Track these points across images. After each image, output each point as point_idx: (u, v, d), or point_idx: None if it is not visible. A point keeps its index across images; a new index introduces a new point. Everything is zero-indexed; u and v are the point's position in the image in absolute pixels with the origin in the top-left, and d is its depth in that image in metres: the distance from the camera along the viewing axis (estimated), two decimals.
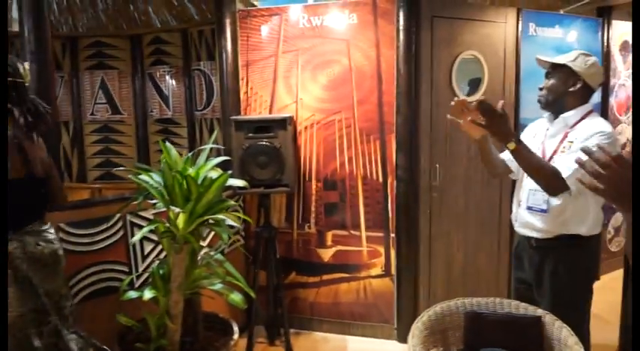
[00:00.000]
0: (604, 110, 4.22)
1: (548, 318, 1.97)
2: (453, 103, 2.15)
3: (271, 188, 3.18)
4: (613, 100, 4.35)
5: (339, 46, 3.36)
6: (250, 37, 3.46)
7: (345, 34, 3.34)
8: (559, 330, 1.91)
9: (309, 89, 3.41)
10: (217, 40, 3.47)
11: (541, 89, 2.27)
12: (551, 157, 2.20)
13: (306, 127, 3.43)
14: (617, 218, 4.47)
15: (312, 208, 3.45)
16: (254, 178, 3.12)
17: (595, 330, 2.28)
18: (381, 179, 3.32)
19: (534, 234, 2.25)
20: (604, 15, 4.23)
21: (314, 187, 3.45)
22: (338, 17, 3.35)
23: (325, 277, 3.47)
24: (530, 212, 2.26)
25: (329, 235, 3.44)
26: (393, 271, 3.32)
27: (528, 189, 2.28)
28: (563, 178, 2.05)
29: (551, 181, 2.07)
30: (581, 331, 2.17)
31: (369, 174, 3.34)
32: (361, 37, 3.31)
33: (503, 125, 2.01)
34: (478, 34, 3.42)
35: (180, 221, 2.23)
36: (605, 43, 4.19)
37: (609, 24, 4.19)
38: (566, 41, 3.88)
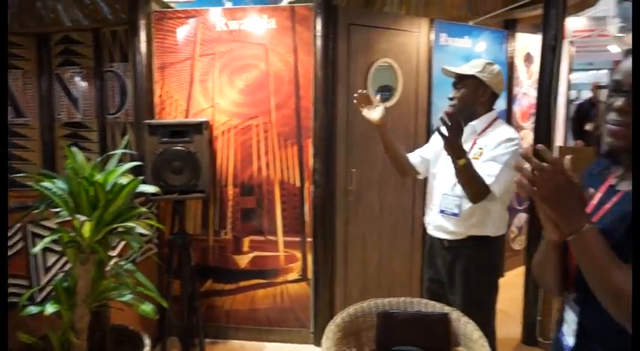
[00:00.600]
0: (508, 117, 4.47)
1: (455, 314, 2.05)
2: (356, 95, 2.28)
3: (186, 194, 3.10)
4: (516, 108, 4.61)
5: (257, 50, 3.34)
6: (166, 39, 3.37)
7: (264, 38, 3.33)
8: (465, 325, 2.00)
9: (227, 93, 3.37)
10: (131, 41, 3.36)
11: (451, 99, 2.35)
12: None
13: (222, 132, 3.39)
14: (520, 218, 4.74)
15: (229, 214, 3.41)
16: (168, 184, 3.04)
17: (499, 324, 2.42)
18: (298, 184, 3.33)
19: (447, 236, 2.35)
20: (509, 27, 4.49)
21: (230, 192, 3.40)
22: (256, 22, 3.33)
23: (242, 283, 3.43)
24: (442, 215, 2.35)
25: (246, 241, 3.41)
26: (310, 275, 3.34)
27: (441, 193, 2.37)
28: (487, 186, 2.16)
29: (480, 191, 2.17)
30: (490, 325, 2.30)
31: (286, 179, 3.35)
32: (279, 43, 3.31)
33: (457, 143, 2.06)
34: (393, 43, 3.51)
35: (87, 230, 2.13)
36: (510, 54, 4.43)
37: (514, 36, 4.44)
38: (474, 51, 4.08)
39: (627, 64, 1.11)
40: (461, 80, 2.33)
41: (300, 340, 3.38)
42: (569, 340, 1.22)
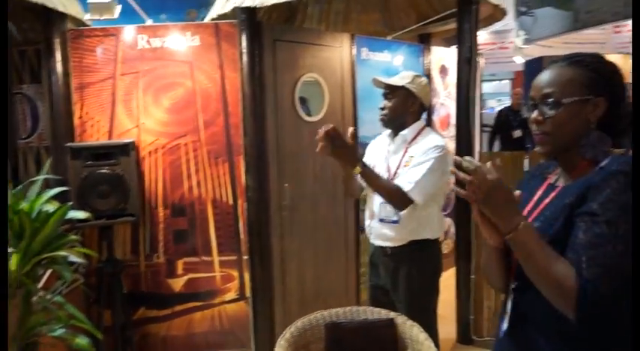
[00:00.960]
0: (428, 126, 4.65)
1: (400, 319, 2.10)
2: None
3: (115, 219, 2.98)
4: (435, 118, 4.81)
5: (182, 68, 3.28)
6: (84, 59, 3.23)
7: (188, 56, 3.28)
8: (410, 329, 2.05)
9: (152, 113, 3.28)
10: (45, 61, 3.18)
11: (382, 109, 2.42)
12: (395, 172, 2.38)
13: (150, 153, 3.28)
14: (446, 223, 4.93)
15: (160, 237, 3.30)
16: (95, 208, 2.90)
17: None
18: (231, 202, 3.29)
19: (388, 243, 2.40)
20: (424, 41, 4.70)
21: (161, 214, 3.30)
22: (179, 39, 3.28)
23: (177, 308, 3.32)
24: (382, 224, 2.41)
25: (179, 264, 3.31)
26: (248, 293, 3.29)
27: (379, 202, 2.42)
28: (405, 193, 2.22)
29: (395, 197, 2.25)
30: (434, 326, 2.38)
31: (218, 197, 3.29)
32: (205, 60, 3.28)
33: (348, 153, 2.14)
34: (318, 58, 3.57)
35: (13, 262, 1.98)
36: (427, 67, 4.64)
37: (429, 49, 4.65)
38: (393, 65, 4.23)
39: (537, 80, 1.25)
40: (392, 91, 2.41)
41: None
42: (504, 323, 1.30)
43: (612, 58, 1.33)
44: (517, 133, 6.87)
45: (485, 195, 1.11)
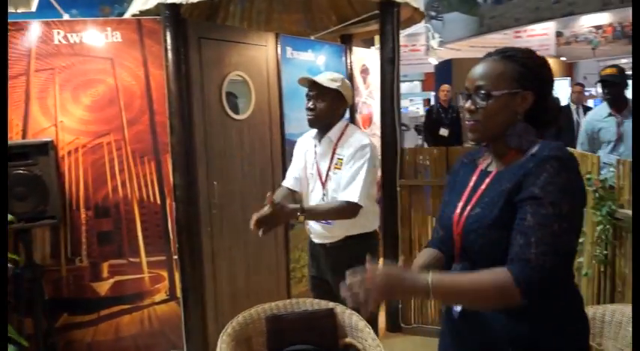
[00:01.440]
0: (351, 123, 4.78)
1: (340, 308, 2.17)
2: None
3: (34, 221, 2.83)
4: (358, 116, 4.95)
5: (103, 64, 3.17)
6: None
7: (109, 52, 3.17)
8: (350, 317, 2.13)
9: (71, 111, 3.14)
10: None
11: (312, 109, 2.45)
12: (327, 175, 2.45)
13: (69, 152, 3.15)
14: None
15: (83, 239, 3.17)
16: (11, 211, 2.74)
17: None
18: (159, 201, 3.22)
19: (327, 240, 2.47)
20: (346, 42, 4.82)
21: (83, 216, 3.17)
22: (99, 35, 3.17)
23: (103, 312, 3.20)
24: (319, 224, 2.47)
25: (105, 267, 3.20)
26: (179, 294, 3.23)
27: (315, 204, 2.48)
28: (354, 204, 2.32)
29: (345, 214, 2.35)
30: (372, 314, 2.46)
31: (145, 197, 3.21)
32: (127, 56, 3.18)
33: (283, 216, 2.22)
34: (244, 56, 3.58)
35: None
36: (349, 67, 4.76)
37: (351, 50, 4.77)
38: (317, 64, 4.31)
39: (472, 72, 1.36)
40: (322, 92, 2.43)
41: None
42: (457, 307, 1.38)
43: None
44: (444, 131, 7.14)
45: (382, 293, 1.20)
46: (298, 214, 2.25)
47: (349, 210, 2.33)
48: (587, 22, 11.24)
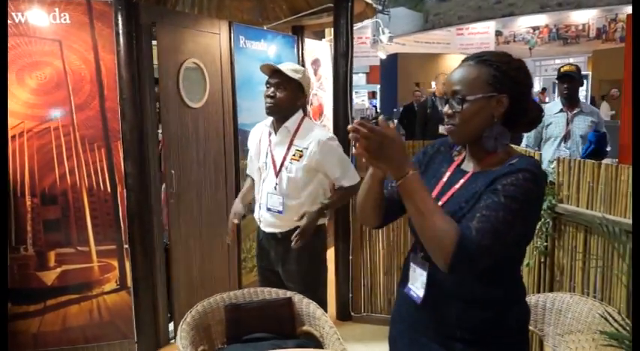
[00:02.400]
0: (306, 117, 4.82)
1: (297, 297, 2.22)
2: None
3: None
4: (309, 108, 4.99)
5: (50, 46, 3.06)
6: None
7: (57, 34, 3.06)
8: (307, 306, 2.18)
9: (15, 94, 3.01)
10: None
11: (272, 97, 2.46)
12: (282, 164, 2.47)
13: (14, 137, 3.03)
14: None
15: (28, 227, 3.06)
16: None
17: None
18: (109, 189, 3.15)
19: (277, 229, 2.49)
20: (297, 33, 4.84)
21: (28, 203, 3.06)
22: (46, 16, 3.05)
23: (50, 302, 3.11)
24: (269, 212, 2.50)
25: (51, 255, 3.11)
26: (130, 283, 3.19)
27: (267, 192, 2.51)
28: (356, 184, 2.50)
29: (352, 195, 2.50)
30: (325, 302, 2.53)
31: (95, 184, 3.14)
32: (76, 39, 3.08)
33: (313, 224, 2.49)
34: (198, 44, 3.54)
35: None
36: (301, 58, 4.79)
37: (302, 41, 4.80)
38: (269, 54, 4.30)
39: (449, 77, 1.39)
40: (284, 82, 2.45)
41: None
42: (419, 292, 1.44)
43: (456, 57, 1.52)
44: (443, 129, 6.55)
45: (379, 145, 1.21)
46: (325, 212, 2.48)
47: (354, 190, 2.48)
48: (525, 22, 11.73)
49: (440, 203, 1.37)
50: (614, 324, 1.77)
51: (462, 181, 1.39)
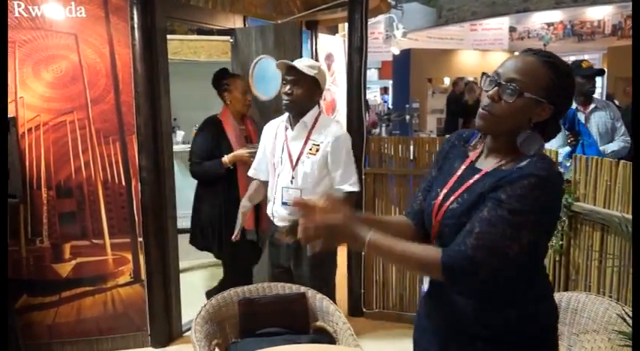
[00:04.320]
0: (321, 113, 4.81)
1: (310, 293, 2.23)
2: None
3: None
4: (322, 103, 4.98)
5: (67, 40, 3.08)
6: None
7: (73, 28, 3.08)
8: (320, 301, 2.19)
9: (32, 87, 3.04)
10: None
11: (289, 94, 2.48)
12: (298, 158, 2.48)
13: (30, 130, 3.05)
14: None
15: (44, 220, 3.09)
16: None
17: None
18: (124, 182, 3.17)
19: (289, 223, 2.49)
20: (311, 28, 4.82)
21: (44, 195, 3.09)
22: (62, 9, 3.06)
23: (65, 294, 3.14)
24: (285, 207, 2.50)
25: (67, 248, 3.13)
26: (144, 276, 3.21)
27: (281, 187, 2.52)
28: (353, 192, 2.51)
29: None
30: (334, 298, 2.54)
31: (110, 178, 3.16)
32: (92, 33, 3.10)
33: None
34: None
35: None
36: (314, 53, 4.78)
37: (317, 36, 4.79)
38: None
39: (510, 61, 1.32)
40: (300, 78, 2.46)
41: (136, 344, 3.23)
42: (425, 286, 1.46)
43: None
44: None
45: (330, 234, 1.26)
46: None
47: (354, 197, 2.53)
48: (540, 18, 11.60)
49: (450, 198, 1.35)
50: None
51: (475, 177, 1.35)
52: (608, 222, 2.26)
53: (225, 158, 3.23)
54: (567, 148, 3.48)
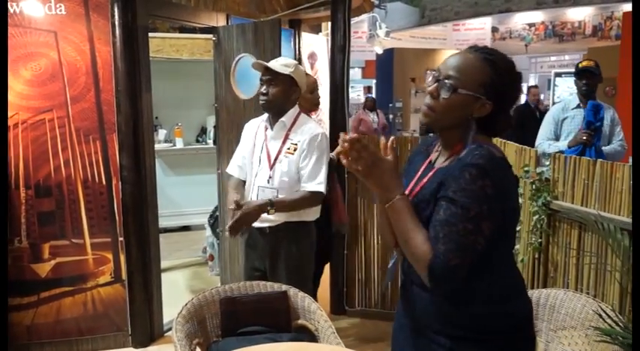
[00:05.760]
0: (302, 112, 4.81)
1: (292, 291, 2.22)
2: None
3: None
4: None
5: (46, 38, 3.04)
6: None
7: (53, 25, 3.04)
8: (302, 300, 2.19)
9: (10, 85, 2.99)
10: None
11: (265, 94, 2.45)
12: (276, 158, 2.48)
13: (8, 128, 3.01)
14: None
15: (22, 219, 3.05)
16: None
17: None
18: (104, 181, 3.14)
19: (267, 224, 2.48)
20: (294, 27, 4.82)
21: (23, 195, 3.05)
22: (42, 6, 3.02)
23: (44, 294, 3.10)
24: None
25: (46, 248, 3.10)
26: (124, 276, 3.18)
27: (258, 186, 2.50)
28: (318, 192, 2.45)
29: (311, 203, 2.49)
30: (314, 297, 2.53)
31: (90, 176, 3.12)
32: (72, 30, 3.06)
33: (254, 213, 2.35)
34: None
35: None
36: (297, 52, 4.77)
37: (300, 35, 4.79)
38: None
39: (450, 59, 1.35)
40: (275, 77, 2.44)
41: (117, 344, 3.20)
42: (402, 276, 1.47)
43: (452, 53, 1.48)
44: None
45: (364, 168, 1.23)
46: (269, 208, 2.31)
47: (314, 199, 2.46)
48: (522, 19, 11.73)
49: (410, 198, 1.36)
50: (608, 320, 1.78)
51: (429, 174, 1.38)
52: (585, 220, 2.29)
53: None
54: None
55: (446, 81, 1.30)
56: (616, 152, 3.47)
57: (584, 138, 3.25)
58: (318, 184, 2.44)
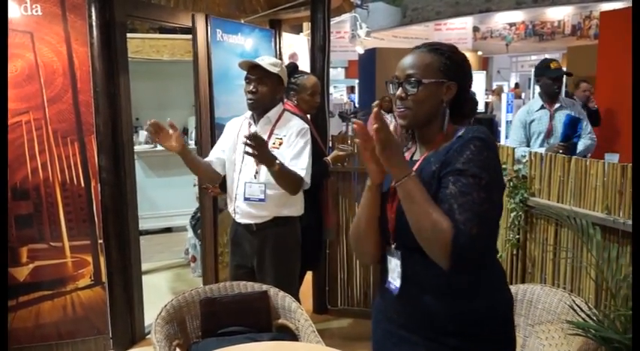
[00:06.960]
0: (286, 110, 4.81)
1: (272, 291, 2.23)
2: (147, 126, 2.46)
3: None
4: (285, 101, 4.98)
5: (22, 39, 3.01)
6: None
7: (28, 26, 3.01)
8: (283, 299, 2.19)
9: None
10: None
11: (253, 93, 2.46)
12: None
13: None
14: None
15: None
16: None
17: None
18: (83, 183, 3.11)
19: (254, 220, 2.49)
20: (275, 27, 4.82)
21: None
22: (17, 7, 2.99)
23: (22, 298, 3.06)
24: (248, 203, 2.49)
25: (23, 251, 3.06)
26: (104, 278, 3.15)
27: (244, 182, 2.50)
28: (301, 178, 2.43)
29: (296, 184, 2.44)
30: (297, 295, 2.54)
31: (68, 179, 3.10)
32: (48, 31, 3.03)
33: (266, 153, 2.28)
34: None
35: None
36: (278, 52, 4.77)
37: (280, 35, 4.78)
38: (246, 48, 4.28)
39: (402, 63, 1.44)
40: (264, 76, 2.46)
41: (98, 348, 3.16)
42: (396, 282, 1.45)
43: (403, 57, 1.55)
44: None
45: (385, 147, 1.26)
46: (274, 162, 2.30)
47: (298, 183, 2.44)
48: (502, 19, 11.85)
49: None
50: (581, 314, 1.81)
51: (414, 166, 1.40)
52: (560, 216, 2.32)
53: (328, 158, 3.11)
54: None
55: (409, 79, 1.39)
56: (588, 146, 3.57)
57: (561, 151, 3.29)
58: (302, 170, 2.44)
